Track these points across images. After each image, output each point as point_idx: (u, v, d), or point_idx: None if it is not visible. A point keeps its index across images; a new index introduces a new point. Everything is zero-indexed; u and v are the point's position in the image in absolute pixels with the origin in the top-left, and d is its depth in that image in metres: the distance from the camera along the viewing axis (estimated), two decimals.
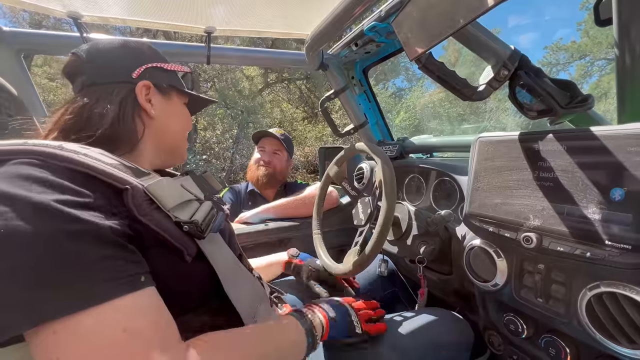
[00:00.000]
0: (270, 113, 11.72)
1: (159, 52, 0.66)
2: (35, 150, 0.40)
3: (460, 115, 11.57)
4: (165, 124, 0.63)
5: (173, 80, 0.66)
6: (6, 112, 0.66)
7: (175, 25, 1.03)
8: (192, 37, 6.81)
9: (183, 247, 0.45)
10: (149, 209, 0.43)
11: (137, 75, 0.59)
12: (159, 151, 0.64)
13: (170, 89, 0.65)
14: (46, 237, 0.34)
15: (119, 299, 0.36)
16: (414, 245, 0.90)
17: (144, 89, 0.60)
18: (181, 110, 0.69)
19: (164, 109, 0.63)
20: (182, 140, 0.69)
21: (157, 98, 0.62)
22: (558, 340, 0.62)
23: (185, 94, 0.69)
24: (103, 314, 0.34)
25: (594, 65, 14.10)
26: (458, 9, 0.49)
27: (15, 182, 0.35)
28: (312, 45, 1.15)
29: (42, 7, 0.87)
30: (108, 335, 0.34)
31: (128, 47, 0.62)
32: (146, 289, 0.39)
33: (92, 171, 0.41)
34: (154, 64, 0.62)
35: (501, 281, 0.68)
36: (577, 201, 0.53)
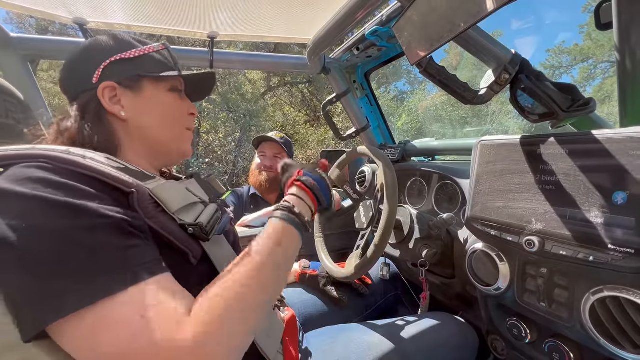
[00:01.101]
0: (272, 117, 11.75)
1: (125, 39, 0.58)
2: (43, 155, 0.41)
3: (462, 119, 11.56)
4: (142, 121, 0.57)
5: (141, 67, 0.57)
6: (13, 117, 0.67)
7: (179, 31, 1.04)
8: (195, 42, 6.87)
9: (188, 249, 0.46)
10: (154, 211, 0.44)
11: (97, 78, 0.54)
12: (149, 152, 0.59)
13: (139, 79, 0.57)
14: (67, 233, 0.36)
15: (141, 283, 0.37)
16: (416, 249, 0.90)
17: (106, 91, 0.54)
18: (161, 99, 0.59)
19: (136, 105, 0.56)
20: (173, 131, 0.61)
21: (126, 95, 0.56)
22: (562, 345, 0.61)
23: (160, 78, 0.59)
24: (128, 298, 0.36)
25: (597, 68, 14.08)
26: (458, 13, 0.49)
27: (28, 184, 0.36)
28: (314, 49, 1.16)
29: (49, 13, 0.89)
30: (133, 320, 0.35)
31: (89, 48, 0.56)
32: (165, 274, 0.41)
33: (99, 175, 0.42)
34: (112, 58, 0.55)
35: (504, 285, 0.68)
36: (580, 205, 0.53)
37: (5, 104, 0.63)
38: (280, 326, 0.67)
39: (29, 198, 0.36)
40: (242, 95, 9.81)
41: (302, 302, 0.94)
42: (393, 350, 0.72)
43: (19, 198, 0.36)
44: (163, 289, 0.39)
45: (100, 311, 0.35)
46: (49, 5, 0.86)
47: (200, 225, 0.48)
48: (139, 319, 0.35)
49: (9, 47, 0.91)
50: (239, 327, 0.40)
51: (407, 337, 0.76)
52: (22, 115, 0.67)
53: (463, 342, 0.81)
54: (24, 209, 0.35)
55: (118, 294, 0.35)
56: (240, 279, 0.43)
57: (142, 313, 0.35)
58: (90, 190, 0.40)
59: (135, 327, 0.35)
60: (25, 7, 0.85)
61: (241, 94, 9.81)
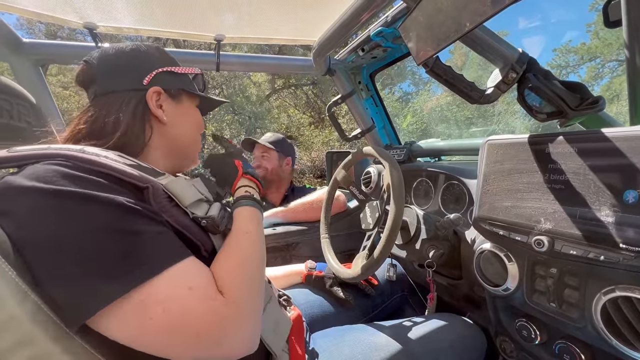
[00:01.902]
0: (277, 118, 11.81)
1: (170, 55, 0.66)
2: (60, 153, 0.42)
3: (467, 119, 11.48)
4: (177, 128, 0.63)
5: (183, 83, 0.66)
6: (25, 120, 0.68)
7: (186, 34, 1.06)
8: (200, 45, 6.95)
9: (200, 242, 0.48)
10: (168, 205, 0.46)
11: (147, 81, 0.59)
12: (171, 155, 0.64)
13: (181, 92, 0.65)
14: (105, 224, 0.38)
15: (181, 262, 0.42)
16: (423, 250, 0.89)
17: (154, 95, 0.60)
18: (192, 113, 0.68)
19: (175, 113, 0.63)
20: (195, 142, 0.69)
21: (168, 103, 0.62)
22: (572, 347, 0.61)
23: (195, 95, 0.68)
24: (170, 277, 0.40)
25: (604, 67, 13.88)
26: (464, 13, 0.49)
27: (57, 180, 0.38)
28: (319, 51, 1.16)
29: (61, 18, 0.91)
30: (179, 295, 0.40)
31: (139, 53, 0.61)
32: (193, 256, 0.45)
33: (115, 172, 0.43)
34: (164, 69, 0.62)
35: (512, 285, 0.67)
36: (590, 204, 0.52)
37: (18, 107, 0.64)
38: (287, 323, 0.67)
39: (61, 194, 0.38)
40: (247, 98, 9.88)
41: (308, 303, 0.94)
42: (400, 351, 0.71)
43: (49, 194, 0.37)
44: (198, 266, 0.44)
45: (149, 289, 0.38)
46: (60, 10, 0.88)
47: (212, 218, 0.50)
48: (188, 291, 0.40)
49: (21, 52, 0.93)
50: (254, 294, 0.49)
51: (415, 338, 0.76)
52: (34, 118, 0.68)
53: (471, 344, 0.81)
54: (56, 205, 0.37)
55: (163, 272, 0.39)
56: (244, 253, 0.52)
57: (189, 285, 0.41)
58: (112, 185, 0.42)
59: (185, 299, 0.40)
60: (37, 12, 0.87)
61: (246, 96, 9.88)
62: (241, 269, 0.49)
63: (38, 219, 0.37)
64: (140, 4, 0.88)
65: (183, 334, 0.39)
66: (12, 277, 0.36)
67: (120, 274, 0.37)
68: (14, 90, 0.64)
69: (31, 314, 0.37)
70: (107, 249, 0.38)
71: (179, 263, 0.42)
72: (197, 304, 0.40)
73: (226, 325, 0.42)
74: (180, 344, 0.39)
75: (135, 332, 0.38)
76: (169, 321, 0.38)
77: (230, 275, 0.47)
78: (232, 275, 0.47)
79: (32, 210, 0.37)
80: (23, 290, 0.37)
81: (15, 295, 0.36)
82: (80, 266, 0.37)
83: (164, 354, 0.40)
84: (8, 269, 0.36)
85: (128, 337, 0.38)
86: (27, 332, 0.36)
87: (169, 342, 0.39)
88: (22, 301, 0.36)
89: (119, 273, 0.37)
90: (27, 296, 0.37)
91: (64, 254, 0.37)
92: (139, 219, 0.41)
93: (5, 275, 0.36)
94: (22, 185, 0.38)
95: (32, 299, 0.37)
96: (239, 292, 0.45)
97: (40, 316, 0.37)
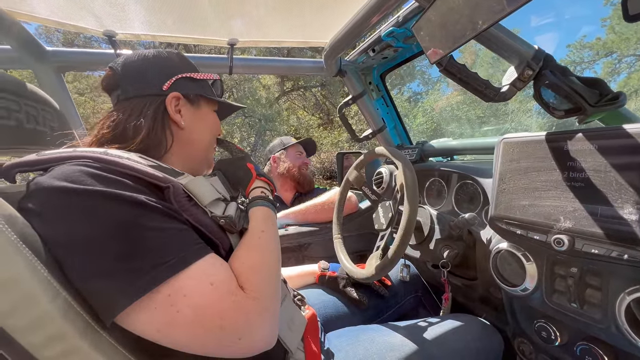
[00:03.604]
0: (286, 120, 11.88)
1: (190, 61, 0.68)
2: (86, 155, 0.44)
3: (479, 118, 11.29)
4: (194, 133, 0.65)
5: (202, 88, 0.67)
6: (50, 125, 0.71)
7: (200, 39, 1.08)
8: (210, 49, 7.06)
9: (219, 241, 0.49)
10: (188, 204, 0.48)
11: (167, 87, 0.61)
12: (188, 159, 0.65)
13: (199, 98, 0.66)
14: (131, 222, 0.40)
15: (202, 259, 0.43)
16: (437, 250, 0.89)
17: (173, 100, 0.61)
18: (210, 118, 0.70)
19: (193, 118, 0.65)
20: (211, 147, 0.71)
21: (187, 108, 0.64)
22: (595, 348, 0.59)
23: (214, 101, 0.70)
24: (195, 272, 0.42)
25: (621, 62, 13.46)
26: (479, 12, 0.49)
27: (85, 180, 0.40)
28: (330, 52, 1.17)
29: (82, 27, 0.94)
30: (203, 289, 0.42)
31: (160, 59, 0.63)
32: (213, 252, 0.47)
33: (137, 172, 0.45)
34: (184, 75, 0.64)
35: (531, 286, 0.66)
36: (612, 201, 0.51)
37: (43, 112, 0.67)
38: (302, 320, 0.68)
39: (89, 193, 0.39)
40: (257, 100, 9.98)
41: (322, 303, 0.94)
42: (416, 352, 0.71)
43: (76, 193, 0.39)
44: (219, 263, 0.46)
45: (175, 283, 0.40)
46: (82, 19, 0.92)
47: (230, 218, 0.51)
48: (210, 286, 0.42)
49: (44, 60, 0.97)
50: (272, 290, 0.50)
51: (430, 339, 0.75)
52: (57, 124, 0.71)
53: (488, 345, 0.80)
54: (84, 203, 0.39)
55: (188, 267, 0.41)
56: (262, 251, 0.53)
57: (211, 281, 0.42)
58: (134, 184, 0.43)
59: (208, 293, 0.41)
60: (61, 22, 0.91)
61: (256, 99, 9.98)
62: (260, 266, 0.50)
63: (67, 218, 0.39)
64: (157, 12, 0.91)
65: (207, 327, 0.40)
66: (44, 275, 0.38)
67: (148, 269, 0.39)
68: (39, 96, 0.66)
69: (63, 311, 0.38)
70: (132, 245, 0.39)
71: (202, 259, 0.43)
72: (220, 298, 0.42)
73: (248, 318, 0.43)
74: (204, 337, 0.41)
75: (161, 326, 0.40)
76: (194, 314, 0.40)
77: (250, 271, 0.48)
78: (252, 272, 0.48)
79: (61, 209, 0.39)
80: (55, 288, 0.39)
81: (47, 292, 0.38)
82: (108, 263, 0.38)
83: (187, 347, 0.41)
84: (40, 267, 0.38)
85: (154, 331, 0.40)
86: (58, 328, 0.38)
87: (193, 335, 0.40)
88: (54, 298, 0.38)
89: (146, 268, 0.39)
90: (59, 294, 0.39)
91: (92, 252, 0.38)
92: (161, 217, 0.43)
93: (37, 274, 0.38)
94: (51, 185, 0.40)
95: (63, 296, 0.39)
96: (258, 287, 0.47)
97: (70, 313, 0.39)
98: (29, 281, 0.37)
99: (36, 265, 0.38)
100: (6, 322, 0.36)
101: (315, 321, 0.74)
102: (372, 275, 0.78)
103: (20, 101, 0.57)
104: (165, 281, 0.39)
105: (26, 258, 0.37)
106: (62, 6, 0.85)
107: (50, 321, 0.37)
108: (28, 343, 0.37)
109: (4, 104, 0.53)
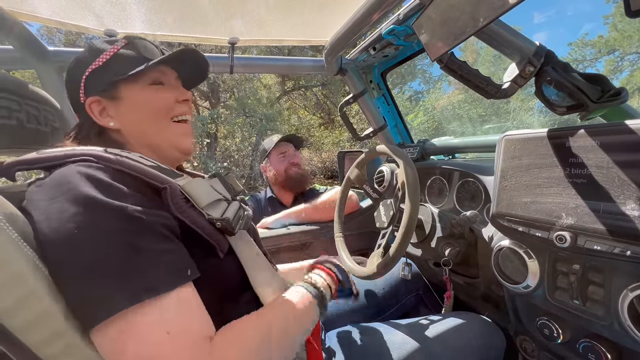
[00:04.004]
0: (288, 120, 11.89)
1: (96, 46, 0.56)
2: (87, 153, 0.44)
3: (480, 116, 11.26)
4: (131, 125, 0.56)
5: (116, 69, 0.54)
6: (51, 125, 0.71)
7: (201, 38, 1.08)
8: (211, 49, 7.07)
9: (216, 243, 0.49)
10: (185, 206, 0.47)
11: (83, 97, 0.55)
12: (150, 151, 0.58)
13: (116, 84, 0.55)
14: (112, 236, 0.38)
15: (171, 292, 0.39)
16: (439, 248, 0.89)
17: (94, 106, 0.54)
18: (140, 99, 0.56)
19: (121, 111, 0.55)
20: (156, 127, 0.57)
21: (111, 105, 0.55)
22: (598, 345, 0.59)
23: (133, 77, 0.54)
24: (155, 311, 0.38)
25: (624, 59, 13.39)
26: (480, 8, 0.49)
27: (82, 183, 0.40)
28: (331, 51, 1.17)
29: (83, 26, 0.95)
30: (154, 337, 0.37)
31: (69, 70, 0.57)
32: (189, 284, 0.42)
33: (135, 172, 0.45)
34: (88, 71, 0.54)
35: (533, 283, 0.66)
36: (614, 198, 0.51)
37: (45, 112, 0.67)
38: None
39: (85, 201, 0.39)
40: (258, 100, 9.98)
41: None
42: (417, 349, 0.71)
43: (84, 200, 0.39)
44: (191, 301, 0.42)
45: (130, 318, 0.37)
46: (83, 19, 0.92)
47: (227, 220, 0.50)
48: (166, 335, 0.37)
49: (46, 60, 0.97)
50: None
51: (432, 337, 0.75)
52: (59, 123, 0.72)
53: (490, 342, 0.79)
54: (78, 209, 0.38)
55: (148, 300, 0.37)
56: (256, 327, 0.46)
57: (168, 329, 0.37)
58: (130, 190, 0.42)
59: (161, 342, 0.37)
60: (61, 21, 0.91)
61: (257, 98, 9.98)
62: (250, 349, 0.42)
63: (57, 218, 0.38)
64: (158, 11, 0.91)
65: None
66: (45, 273, 0.38)
67: (110, 292, 0.37)
68: (40, 96, 0.66)
69: (64, 309, 0.38)
70: (105, 261, 0.37)
71: (172, 292, 0.39)
72: (173, 351, 0.37)
73: None
74: None
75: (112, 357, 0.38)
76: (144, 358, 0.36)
77: (234, 340, 0.43)
78: (233, 344, 0.42)
79: (53, 213, 0.39)
80: (56, 287, 0.39)
81: (49, 290, 0.38)
82: (79, 278, 0.37)
83: None
84: (41, 265, 0.38)
85: None
86: (59, 326, 0.38)
87: None
88: (56, 296, 0.38)
89: (108, 291, 0.37)
90: (60, 292, 0.39)
91: (68, 262, 0.38)
92: (146, 235, 0.40)
93: (39, 271, 0.38)
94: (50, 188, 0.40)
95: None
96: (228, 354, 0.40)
97: (71, 312, 0.39)
98: (31, 279, 0.37)
99: (37, 263, 0.38)
100: (8, 319, 0.36)
101: None
102: (373, 273, 0.78)
103: (21, 101, 0.57)
104: (120, 312, 0.36)
105: (27, 256, 0.38)
106: (63, 6, 0.85)
107: (52, 319, 0.38)
108: (30, 340, 0.37)
109: (5, 104, 0.53)
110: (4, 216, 0.38)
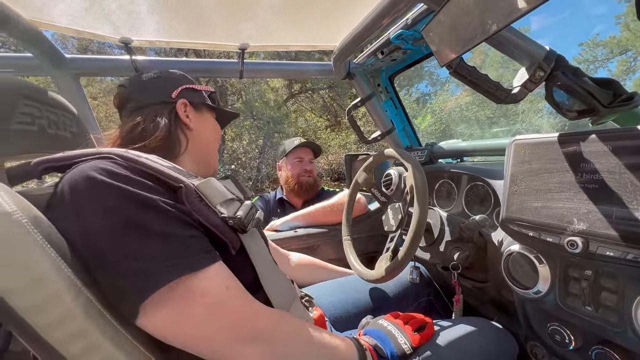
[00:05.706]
0: (295, 122, 11.94)
1: (188, 76, 0.78)
2: (111, 152, 0.48)
3: (489, 119, 11.14)
4: (202, 133, 0.74)
5: (202, 98, 0.77)
6: (70, 130, 0.74)
7: (212, 44, 1.10)
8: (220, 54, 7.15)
9: (229, 240, 0.51)
10: (199, 205, 0.49)
11: (175, 95, 0.71)
12: (197, 162, 0.72)
13: (202, 105, 0.76)
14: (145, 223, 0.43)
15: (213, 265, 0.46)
16: (447, 252, 0.88)
17: (182, 106, 0.71)
18: (213, 123, 0.79)
19: (199, 122, 0.74)
20: (215, 150, 0.79)
21: (193, 113, 0.73)
22: (611, 352, 0.58)
23: (213, 108, 0.80)
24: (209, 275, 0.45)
25: (637, 60, 13.12)
26: (491, 15, 0.49)
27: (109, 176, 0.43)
28: (339, 55, 1.18)
29: (99, 34, 0.98)
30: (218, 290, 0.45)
31: (164, 74, 0.74)
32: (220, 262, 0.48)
33: (154, 171, 0.48)
34: (187, 86, 0.74)
35: (544, 288, 0.65)
36: (627, 203, 0.51)
37: (63, 118, 0.70)
38: (310, 321, 0.68)
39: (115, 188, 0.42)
40: (265, 103, 10.06)
41: (330, 304, 0.94)
42: (427, 355, 0.71)
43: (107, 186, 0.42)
44: (228, 270, 0.48)
45: (191, 282, 0.43)
46: (99, 27, 0.95)
47: (240, 218, 0.52)
48: (225, 289, 0.45)
49: (63, 67, 1.00)
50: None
51: (442, 342, 0.75)
52: (76, 128, 0.74)
53: (501, 348, 0.79)
54: (110, 198, 0.42)
55: (203, 270, 0.44)
56: None
57: (226, 285, 0.46)
58: (153, 185, 0.46)
59: (223, 294, 0.45)
60: (79, 30, 0.94)
61: (264, 101, 10.06)
62: None
63: (89, 212, 0.42)
64: (171, 19, 0.93)
65: (219, 324, 0.43)
66: (68, 274, 0.40)
67: (166, 266, 0.41)
68: (59, 102, 0.69)
69: (84, 309, 0.40)
70: (150, 244, 0.42)
71: (213, 265, 0.46)
72: (233, 299, 0.46)
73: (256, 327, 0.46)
74: (216, 334, 0.43)
75: (175, 321, 0.42)
76: (209, 312, 0.43)
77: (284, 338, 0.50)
78: None
79: (85, 204, 0.42)
80: (77, 287, 0.40)
81: (70, 291, 0.39)
82: (127, 259, 0.41)
83: (197, 347, 0.43)
84: (65, 266, 0.40)
85: (168, 326, 0.42)
86: (80, 325, 0.39)
87: (205, 333, 0.42)
88: (77, 297, 0.40)
89: (164, 266, 0.41)
90: (81, 292, 0.40)
91: (111, 244, 0.41)
92: (173, 222, 0.45)
93: (62, 273, 0.39)
94: (83, 174, 0.43)
95: (85, 295, 0.41)
96: None
97: (91, 311, 0.41)
98: (55, 280, 0.38)
99: (60, 265, 0.40)
100: (33, 319, 0.38)
101: (323, 321, 0.74)
102: (382, 277, 0.78)
103: (42, 107, 0.59)
104: (180, 278, 0.42)
105: (51, 258, 0.39)
106: (81, 16, 0.88)
107: (73, 319, 0.39)
108: (53, 339, 0.39)
109: (28, 110, 0.56)
110: (29, 219, 0.39)
